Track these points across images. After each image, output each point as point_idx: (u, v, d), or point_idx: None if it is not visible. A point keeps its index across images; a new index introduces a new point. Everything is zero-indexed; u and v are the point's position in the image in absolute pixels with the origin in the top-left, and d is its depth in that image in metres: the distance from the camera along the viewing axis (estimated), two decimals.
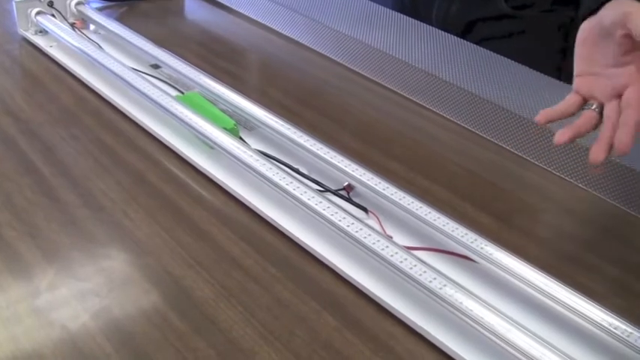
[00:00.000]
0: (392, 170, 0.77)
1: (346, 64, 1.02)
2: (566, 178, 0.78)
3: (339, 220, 0.61)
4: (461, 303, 0.54)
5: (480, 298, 0.54)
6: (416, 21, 1.09)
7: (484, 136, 0.85)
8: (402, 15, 1.11)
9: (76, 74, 0.92)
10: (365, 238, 0.59)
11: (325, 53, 1.05)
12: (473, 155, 0.81)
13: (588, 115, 0.63)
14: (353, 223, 0.60)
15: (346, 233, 0.60)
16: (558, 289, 0.57)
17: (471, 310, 0.53)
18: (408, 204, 0.65)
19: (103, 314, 0.56)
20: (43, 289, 0.58)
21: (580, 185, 0.77)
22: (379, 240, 0.59)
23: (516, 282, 0.59)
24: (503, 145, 0.84)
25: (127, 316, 0.56)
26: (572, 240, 0.69)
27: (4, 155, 0.76)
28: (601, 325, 0.54)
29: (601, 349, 0.54)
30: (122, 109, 0.84)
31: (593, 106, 0.63)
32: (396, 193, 0.66)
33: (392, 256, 0.57)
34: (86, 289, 0.58)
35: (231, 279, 0.60)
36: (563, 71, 0.97)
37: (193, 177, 0.74)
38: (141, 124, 0.82)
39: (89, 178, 0.73)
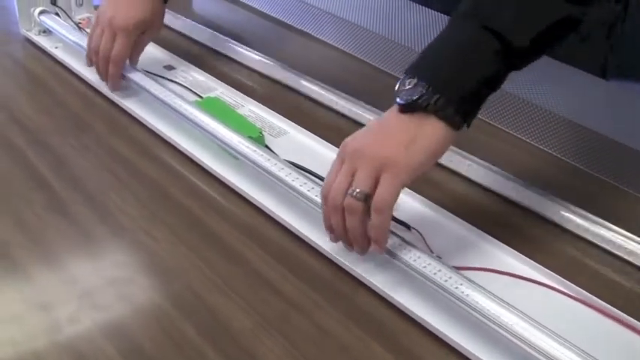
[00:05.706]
0: (434, 180, 0.71)
1: (370, 62, 0.96)
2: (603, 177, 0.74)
3: None
4: (523, 332, 0.49)
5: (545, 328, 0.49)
6: (437, 13, 1.04)
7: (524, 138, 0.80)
8: (424, 7, 1.06)
9: (83, 77, 0.87)
10: (414, 261, 0.54)
11: (347, 50, 0.99)
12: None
13: None
14: (400, 244, 0.55)
15: (392, 255, 0.55)
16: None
17: (535, 342, 0.48)
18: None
19: (130, 348, 0.51)
20: (63, 322, 0.53)
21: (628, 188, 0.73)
22: (430, 263, 0.54)
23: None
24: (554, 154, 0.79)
25: (157, 350, 0.51)
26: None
27: (12, 168, 0.70)
28: None
29: None
30: (135, 115, 0.79)
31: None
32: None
33: (445, 281, 0.52)
34: (108, 319, 0.53)
35: (269, 306, 0.55)
36: (607, 69, 0.93)
37: (218, 190, 0.68)
38: (157, 131, 0.76)
39: (104, 193, 0.67)
